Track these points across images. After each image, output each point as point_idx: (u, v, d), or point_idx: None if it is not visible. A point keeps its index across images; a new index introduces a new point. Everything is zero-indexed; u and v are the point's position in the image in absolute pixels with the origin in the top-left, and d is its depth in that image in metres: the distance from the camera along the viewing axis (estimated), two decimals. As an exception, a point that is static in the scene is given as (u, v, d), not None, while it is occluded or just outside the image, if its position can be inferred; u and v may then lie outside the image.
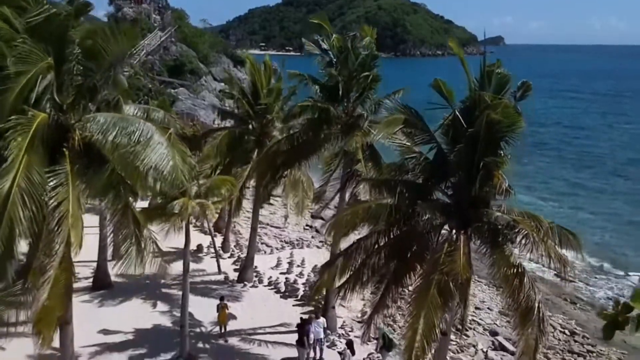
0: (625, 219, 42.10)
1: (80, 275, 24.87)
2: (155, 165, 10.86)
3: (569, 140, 72.48)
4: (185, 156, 11.79)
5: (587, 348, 23.81)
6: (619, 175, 54.44)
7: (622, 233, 39.22)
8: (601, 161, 60.42)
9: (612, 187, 50.56)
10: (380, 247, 13.39)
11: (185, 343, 18.80)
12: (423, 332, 11.61)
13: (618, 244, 37.36)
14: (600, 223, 41.11)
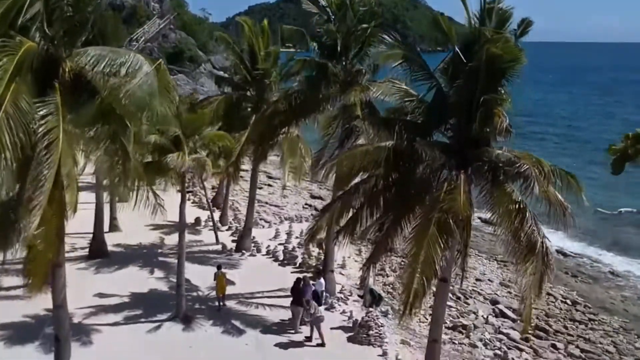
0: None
1: (76, 246, 24.76)
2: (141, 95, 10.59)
3: (566, 128, 72.24)
4: (170, 87, 11.56)
5: (588, 317, 23.57)
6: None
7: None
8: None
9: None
10: (379, 190, 13.10)
11: (182, 303, 18.56)
12: (422, 270, 11.34)
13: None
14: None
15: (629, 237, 34.97)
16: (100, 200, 24.31)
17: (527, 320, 12.33)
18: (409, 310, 11.21)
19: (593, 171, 44.28)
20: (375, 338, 17.37)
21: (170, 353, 16.49)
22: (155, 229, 27.73)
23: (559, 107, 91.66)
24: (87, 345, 16.86)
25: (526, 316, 12.29)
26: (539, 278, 11.70)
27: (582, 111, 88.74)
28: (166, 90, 11.37)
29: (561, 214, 12.88)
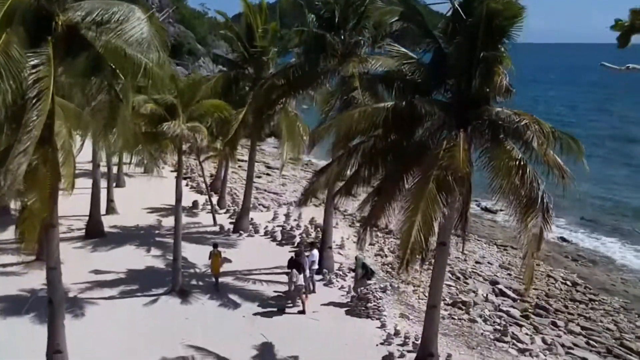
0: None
1: (73, 227, 24.58)
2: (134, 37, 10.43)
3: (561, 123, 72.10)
4: (163, 34, 11.42)
5: (589, 297, 23.37)
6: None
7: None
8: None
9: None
10: (378, 150, 12.92)
11: (178, 277, 18.38)
12: (420, 226, 11.15)
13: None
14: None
15: (628, 224, 34.82)
16: (97, 179, 24.10)
17: (528, 280, 12.11)
18: (405, 266, 11.03)
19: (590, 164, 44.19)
20: (374, 311, 17.19)
21: (167, 325, 16.28)
22: (152, 212, 27.63)
23: (558, 103, 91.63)
24: (83, 317, 16.68)
25: (527, 276, 12.07)
26: (538, 233, 11.50)
27: (580, 108, 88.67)
28: (159, 36, 11.15)
29: (560, 177, 12.73)
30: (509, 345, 17.20)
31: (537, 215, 11.46)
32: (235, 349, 15.02)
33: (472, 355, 15.78)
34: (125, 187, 31.75)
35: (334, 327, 16.59)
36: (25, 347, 14.27)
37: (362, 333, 16.25)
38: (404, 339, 15.68)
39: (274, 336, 15.80)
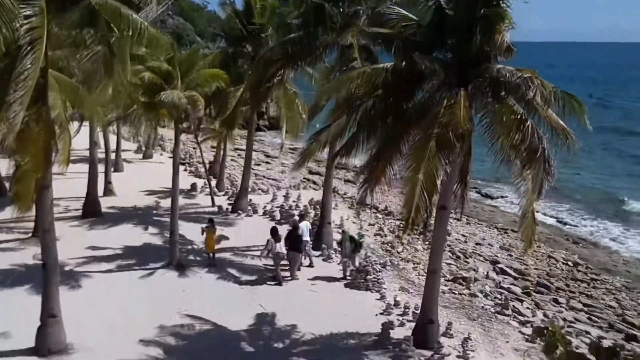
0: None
1: (70, 208, 24.39)
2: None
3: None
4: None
5: (590, 276, 23.24)
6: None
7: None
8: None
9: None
10: (377, 112, 12.71)
11: (175, 251, 18.20)
12: (423, 184, 10.97)
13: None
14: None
15: (628, 209, 34.70)
16: (94, 158, 23.92)
17: (528, 237, 11.90)
18: (410, 226, 10.84)
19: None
20: (373, 283, 17.00)
21: (163, 296, 16.09)
22: (150, 194, 27.45)
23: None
24: (79, 289, 16.47)
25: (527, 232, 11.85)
26: (539, 183, 11.31)
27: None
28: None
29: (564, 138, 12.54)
30: (510, 318, 17.00)
31: (538, 166, 11.27)
32: (233, 318, 14.83)
33: (472, 326, 15.57)
34: (123, 171, 31.54)
35: (333, 299, 16.40)
36: (20, 316, 14.05)
37: (362, 304, 16.07)
38: (403, 309, 15.49)
39: (272, 307, 15.61)
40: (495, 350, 14.40)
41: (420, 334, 13.62)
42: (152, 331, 14.04)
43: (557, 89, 12.35)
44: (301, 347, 13.74)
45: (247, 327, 14.46)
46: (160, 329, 14.18)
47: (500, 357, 14.01)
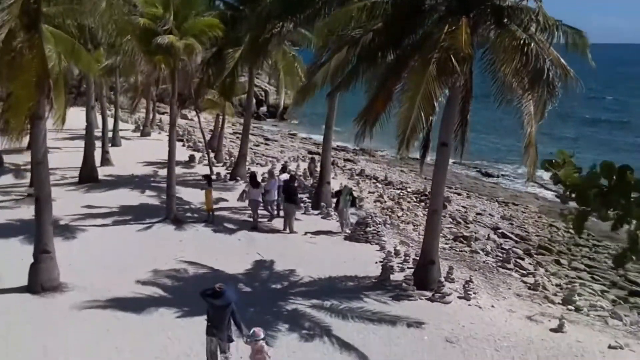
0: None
1: (67, 176, 24.14)
2: None
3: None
4: None
5: (592, 242, 22.90)
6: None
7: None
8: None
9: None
10: (377, 44, 12.48)
11: (172, 204, 17.97)
12: (420, 103, 10.74)
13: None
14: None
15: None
16: (91, 122, 23.69)
17: (531, 167, 11.66)
18: (406, 144, 10.61)
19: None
20: (373, 236, 16.75)
21: (160, 246, 15.83)
22: (148, 165, 27.21)
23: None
24: (74, 239, 16.23)
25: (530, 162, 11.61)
26: (542, 104, 11.08)
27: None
28: None
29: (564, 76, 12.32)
30: (512, 271, 16.74)
31: (542, 87, 11.04)
32: (231, 264, 14.57)
33: (474, 275, 15.29)
34: (121, 146, 31.29)
35: (332, 249, 16.17)
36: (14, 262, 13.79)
37: (361, 254, 15.81)
38: (404, 257, 15.25)
39: (271, 255, 15.37)
40: (497, 294, 14.15)
41: (420, 274, 13.38)
42: (148, 274, 13.79)
43: (559, 22, 12.15)
44: (299, 288, 13.49)
45: (244, 271, 14.22)
46: (155, 272, 13.94)
47: (503, 300, 13.74)
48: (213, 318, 9.17)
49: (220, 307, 9.10)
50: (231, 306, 9.10)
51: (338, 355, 10.45)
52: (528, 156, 11.75)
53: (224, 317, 9.07)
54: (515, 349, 11.03)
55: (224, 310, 9.07)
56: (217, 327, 9.11)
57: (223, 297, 9.12)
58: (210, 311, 9.24)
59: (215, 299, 9.16)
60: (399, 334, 11.39)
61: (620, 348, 11.29)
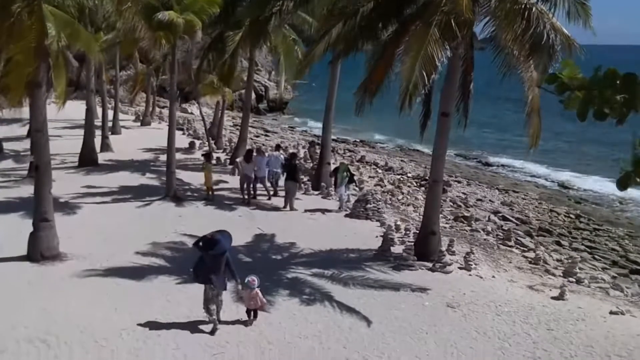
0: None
1: (67, 161, 24.09)
2: None
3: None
4: None
5: (592, 226, 22.87)
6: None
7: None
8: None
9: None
10: (378, 14, 12.44)
11: (172, 181, 17.93)
12: (422, 63, 10.71)
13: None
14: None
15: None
16: (91, 105, 23.66)
17: (533, 135, 11.61)
18: (408, 100, 10.55)
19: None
20: (374, 212, 16.70)
21: (159, 221, 15.80)
22: (147, 151, 27.17)
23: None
24: (74, 215, 16.21)
25: (532, 129, 11.56)
26: (542, 70, 11.05)
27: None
28: None
29: (567, 47, 12.28)
30: (513, 248, 16.69)
31: (542, 51, 11.01)
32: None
33: (474, 249, 15.23)
34: (121, 134, 31.26)
35: (332, 225, 16.14)
36: (13, 234, 13.77)
37: (362, 229, 15.79)
38: (404, 232, 15.19)
39: (271, 229, 15.33)
40: (498, 266, 14.11)
41: (421, 245, 13.34)
42: (147, 245, 13.75)
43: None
44: (299, 259, 13.45)
45: (245, 244, 14.14)
46: (154, 244, 13.89)
47: (504, 272, 13.70)
48: (209, 266, 9.38)
49: (216, 256, 9.34)
50: (226, 255, 9.39)
51: (339, 318, 10.40)
52: (531, 124, 11.70)
53: (220, 265, 9.34)
54: (516, 313, 10.98)
55: (219, 259, 9.35)
56: (213, 275, 9.32)
57: (218, 246, 9.35)
58: (206, 260, 9.41)
59: (210, 249, 9.37)
60: (400, 299, 11.34)
61: (621, 314, 11.23)
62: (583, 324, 10.69)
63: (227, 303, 10.18)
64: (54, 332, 9.45)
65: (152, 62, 33.79)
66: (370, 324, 10.19)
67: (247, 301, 9.48)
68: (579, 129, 51.10)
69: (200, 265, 9.52)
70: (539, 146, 12.20)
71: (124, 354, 8.87)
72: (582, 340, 10.05)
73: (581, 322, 10.77)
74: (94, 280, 11.64)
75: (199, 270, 9.53)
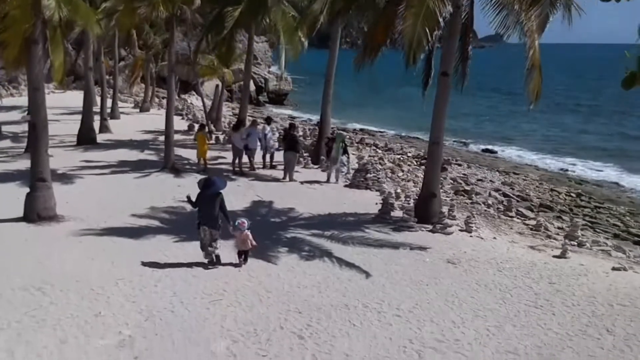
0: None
1: (65, 141, 23.98)
2: None
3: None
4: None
5: (594, 204, 22.73)
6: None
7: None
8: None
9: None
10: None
11: (170, 152, 17.82)
12: (424, 19, 10.60)
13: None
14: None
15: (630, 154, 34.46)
16: (90, 84, 23.54)
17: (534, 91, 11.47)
18: (412, 57, 10.45)
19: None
20: (373, 182, 16.63)
21: (157, 190, 15.67)
22: (146, 133, 27.06)
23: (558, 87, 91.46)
24: (72, 184, 16.10)
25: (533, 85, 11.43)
26: (544, 19, 10.93)
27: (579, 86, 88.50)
28: None
29: (567, 11, 12.16)
30: (514, 218, 16.56)
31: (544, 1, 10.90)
32: (229, 202, 14.07)
33: (475, 216, 15.12)
34: (120, 119, 31.14)
35: (332, 193, 16.04)
36: (11, 200, 13.67)
37: (361, 197, 15.69)
38: (404, 199, 15.08)
39: (270, 197, 15.22)
40: (499, 230, 14.01)
41: (422, 207, 13.24)
42: (145, 210, 13.65)
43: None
44: (298, 222, 13.33)
45: (243, 208, 14.04)
46: (153, 208, 13.81)
47: (505, 235, 13.58)
48: (205, 208, 10.11)
49: (211, 196, 10.11)
50: (220, 196, 10.18)
51: (338, 271, 10.28)
52: (531, 79, 11.58)
53: (214, 206, 10.08)
54: (518, 269, 10.86)
55: (214, 200, 10.10)
56: (208, 215, 10.03)
57: (214, 187, 10.19)
58: (202, 202, 10.17)
59: (206, 189, 10.18)
60: (400, 256, 11.22)
61: (624, 269, 11.11)
62: (585, 279, 10.57)
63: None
64: (50, 281, 9.34)
65: (151, 48, 33.71)
66: (369, 276, 10.08)
67: (239, 243, 10.03)
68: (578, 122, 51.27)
69: (198, 206, 10.27)
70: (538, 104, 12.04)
71: (120, 299, 8.75)
72: (585, 292, 9.93)
73: (583, 277, 10.65)
74: (90, 239, 11.53)
75: (198, 209, 10.26)
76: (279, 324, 8.18)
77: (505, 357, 7.56)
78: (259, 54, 58.38)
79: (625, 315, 9.01)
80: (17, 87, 41.45)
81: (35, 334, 7.63)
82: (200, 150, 18.09)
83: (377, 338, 7.88)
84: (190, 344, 7.52)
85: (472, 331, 8.23)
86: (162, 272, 9.86)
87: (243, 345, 7.53)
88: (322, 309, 8.71)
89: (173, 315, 8.30)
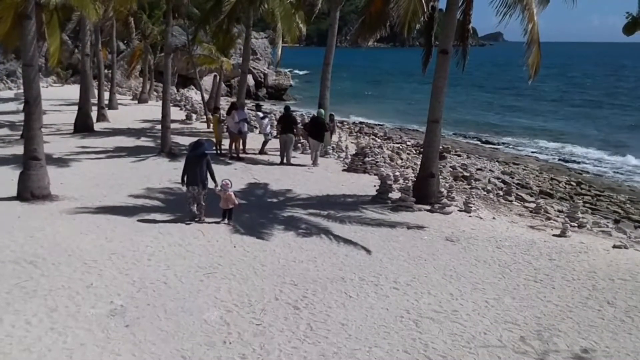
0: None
1: (62, 129, 23.84)
2: None
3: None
4: None
5: (594, 193, 22.57)
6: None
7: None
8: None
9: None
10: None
11: (167, 136, 17.67)
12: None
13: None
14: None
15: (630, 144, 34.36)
16: (87, 71, 23.35)
17: (533, 64, 11.32)
18: (408, 28, 10.28)
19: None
20: (372, 166, 16.46)
21: (153, 172, 15.51)
22: (144, 122, 26.90)
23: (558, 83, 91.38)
24: (67, 167, 15.95)
25: (533, 59, 11.28)
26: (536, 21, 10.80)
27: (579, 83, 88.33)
28: None
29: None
30: (514, 201, 16.40)
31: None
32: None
33: (475, 198, 14.96)
34: (117, 109, 30.99)
35: (329, 176, 15.89)
36: (4, 182, 13.52)
37: (359, 180, 15.53)
38: (403, 181, 14.93)
39: (267, 179, 15.07)
40: (498, 212, 13.85)
41: (420, 187, 13.09)
42: (141, 190, 13.49)
43: None
44: (295, 202, 13.17)
45: (240, 190, 13.85)
46: (148, 189, 13.65)
47: (504, 216, 13.43)
48: (192, 168, 10.81)
49: (198, 157, 10.85)
50: (207, 157, 10.98)
51: (335, 247, 10.13)
52: (530, 54, 11.42)
53: (201, 166, 10.82)
54: (517, 247, 10.71)
55: (201, 160, 10.84)
56: (195, 175, 10.78)
57: (201, 147, 10.94)
58: (190, 163, 10.85)
59: (194, 150, 11.00)
60: (398, 234, 11.07)
61: (624, 247, 10.97)
62: (585, 255, 10.42)
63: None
64: (41, 255, 9.19)
65: (148, 38, 33.53)
66: (367, 252, 9.93)
67: (223, 202, 10.95)
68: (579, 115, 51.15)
69: (186, 169, 10.96)
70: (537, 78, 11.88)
71: (113, 272, 8.60)
72: (585, 267, 9.79)
73: (584, 254, 10.50)
74: (84, 216, 11.36)
75: (186, 173, 10.91)
76: (274, 295, 8.03)
77: (504, 326, 7.41)
78: (258, 49, 58.22)
79: (627, 288, 8.87)
80: (15, 81, 41.29)
81: (25, 304, 7.48)
82: (215, 133, 17.98)
83: (373, 309, 7.74)
84: (182, 312, 7.38)
85: (470, 303, 8.08)
86: (156, 247, 9.71)
87: (237, 315, 7.39)
88: (318, 281, 8.56)
89: (166, 287, 8.15)
